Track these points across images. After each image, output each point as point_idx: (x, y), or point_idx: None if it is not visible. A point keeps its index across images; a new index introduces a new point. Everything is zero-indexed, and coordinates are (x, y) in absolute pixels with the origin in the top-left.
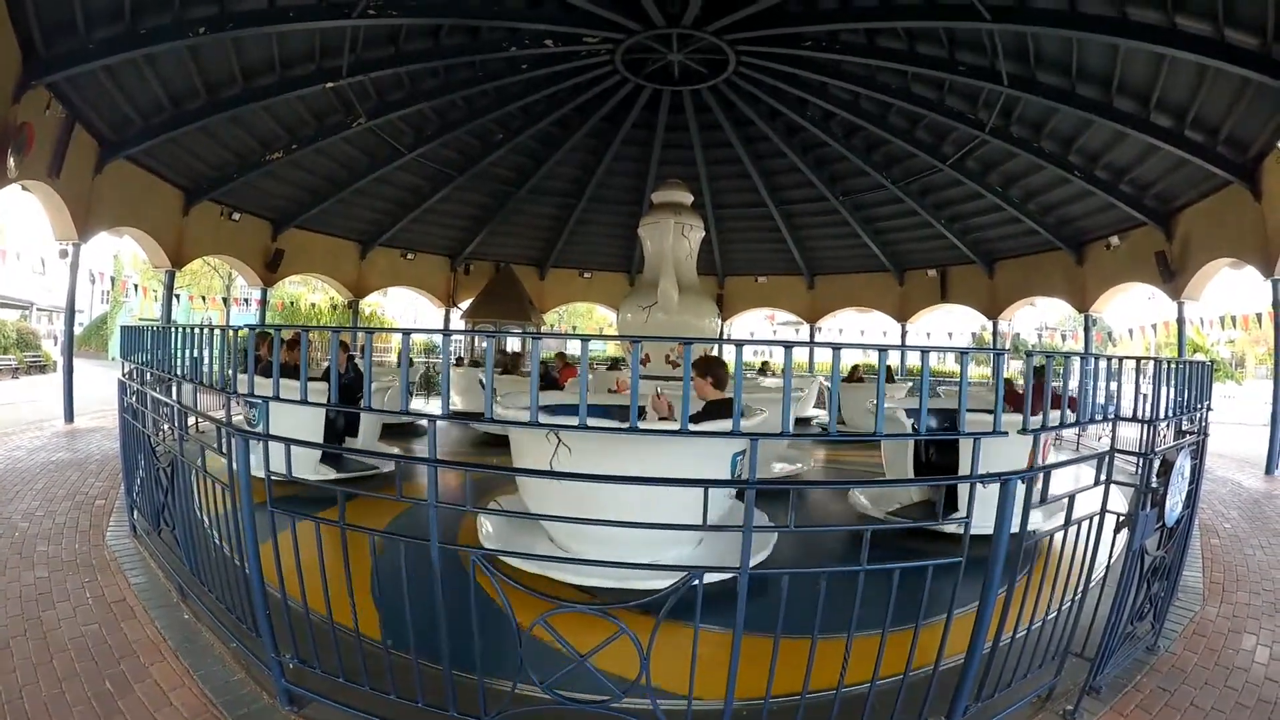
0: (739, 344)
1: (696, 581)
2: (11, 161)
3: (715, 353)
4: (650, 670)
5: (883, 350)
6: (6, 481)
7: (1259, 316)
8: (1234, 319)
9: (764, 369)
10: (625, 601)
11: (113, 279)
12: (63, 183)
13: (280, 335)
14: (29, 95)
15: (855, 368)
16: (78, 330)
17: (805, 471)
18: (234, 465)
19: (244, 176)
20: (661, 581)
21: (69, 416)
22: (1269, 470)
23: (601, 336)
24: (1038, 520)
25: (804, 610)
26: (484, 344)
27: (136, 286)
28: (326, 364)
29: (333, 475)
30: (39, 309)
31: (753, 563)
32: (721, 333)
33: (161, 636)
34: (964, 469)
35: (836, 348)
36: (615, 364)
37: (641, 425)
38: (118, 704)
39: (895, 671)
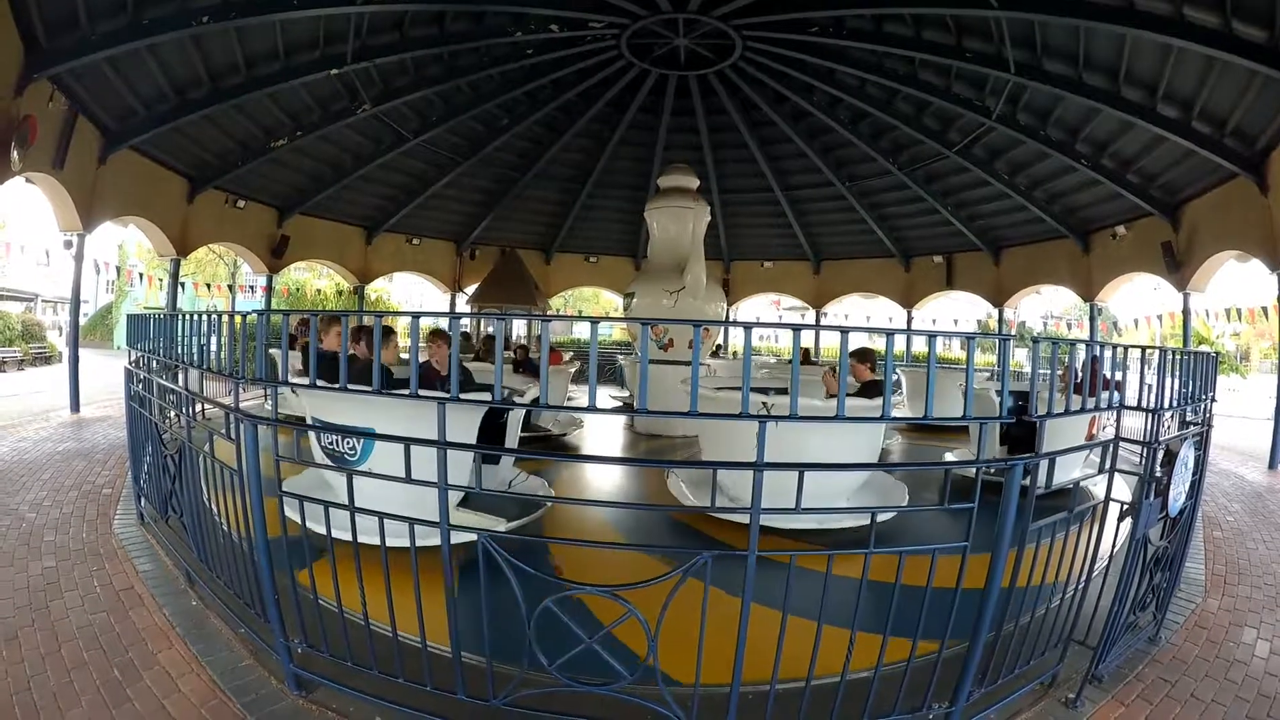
0: (747, 326)
1: (705, 561)
2: (15, 154)
3: (721, 335)
4: (658, 652)
5: (890, 334)
6: (13, 473)
7: (1265, 310)
8: (1239, 312)
9: (716, 352)
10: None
11: (118, 268)
12: (67, 174)
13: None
14: (32, 88)
15: (806, 351)
16: (82, 320)
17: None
18: (243, 450)
19: (249, 164)
20: (856, 520)
21: (75, 407)
22: (1272, 464)
23: (610, 318)
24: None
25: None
26: (488, 328)
27: (142, 275)
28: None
29: (494, 523)
30: (44, 300)
31: (882, 518)
32: (726, 316)
33: (170, 624)
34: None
35: (845, 331)
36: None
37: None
38: (126, 692)
39: (900, 656)
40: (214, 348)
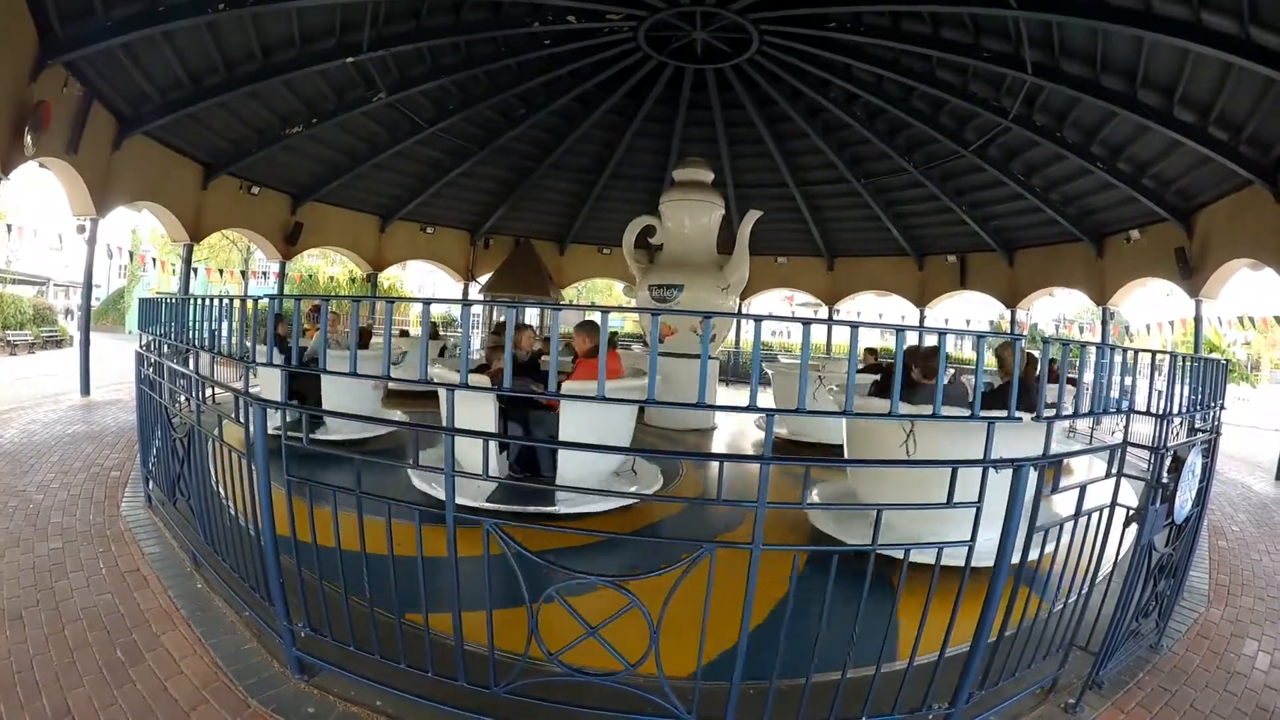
0: (758, 319)
1: (710, 554)
2: (29, 139)
3: (734, 328)
4: (659, 644)
5: (900, 331)
6: (22, 455)
7: (1277, 318)
8: (1252, 319)
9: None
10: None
11: (131, 253)
12: (80, 159)
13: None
14: (46, 73)
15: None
16: (94, 305)
17: None
18: (251, 434)
19: (263, 151)
20: None
21: (85, 390)
22: (1279, 475)
23: (622, 309)
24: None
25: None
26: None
27: (154, 260)
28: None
29: None
30: (56, 284)
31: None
32: (739, 309)
33: (174, 606)
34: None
35: (855, 326)
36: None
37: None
38: (128, 672)
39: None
40: (225, 332)
